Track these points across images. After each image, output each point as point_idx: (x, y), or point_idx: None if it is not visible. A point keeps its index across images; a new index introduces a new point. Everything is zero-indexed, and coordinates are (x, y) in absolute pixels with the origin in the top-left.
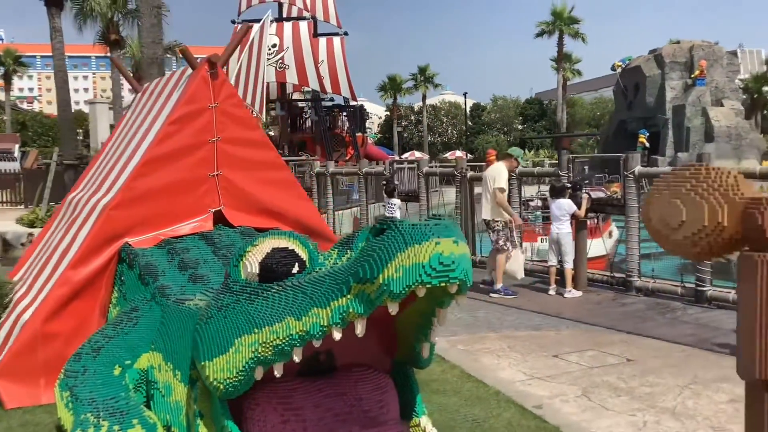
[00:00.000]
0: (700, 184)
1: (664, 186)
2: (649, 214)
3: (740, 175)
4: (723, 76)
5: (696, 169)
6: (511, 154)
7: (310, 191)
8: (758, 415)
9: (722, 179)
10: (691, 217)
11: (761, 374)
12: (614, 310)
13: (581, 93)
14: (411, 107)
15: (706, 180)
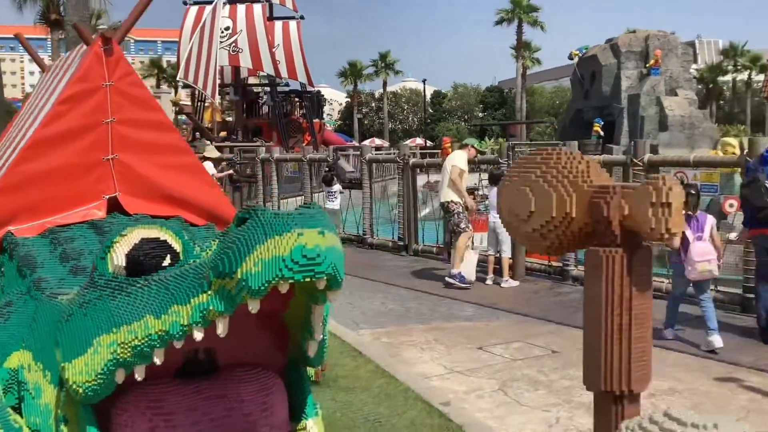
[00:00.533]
0: (549, 170)
1: (515, 172)
2: (501, 203)
3: (593, 160)
4: (678, 66)
5: (547, 154)
6: (467, 143)
7: (256, 178)
8: (605, 426)
9: (572, 165)
10: (540, 207)
11: (607, 385)
12: (549, 300)
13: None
14: (372, 94)
15: (556, 166)
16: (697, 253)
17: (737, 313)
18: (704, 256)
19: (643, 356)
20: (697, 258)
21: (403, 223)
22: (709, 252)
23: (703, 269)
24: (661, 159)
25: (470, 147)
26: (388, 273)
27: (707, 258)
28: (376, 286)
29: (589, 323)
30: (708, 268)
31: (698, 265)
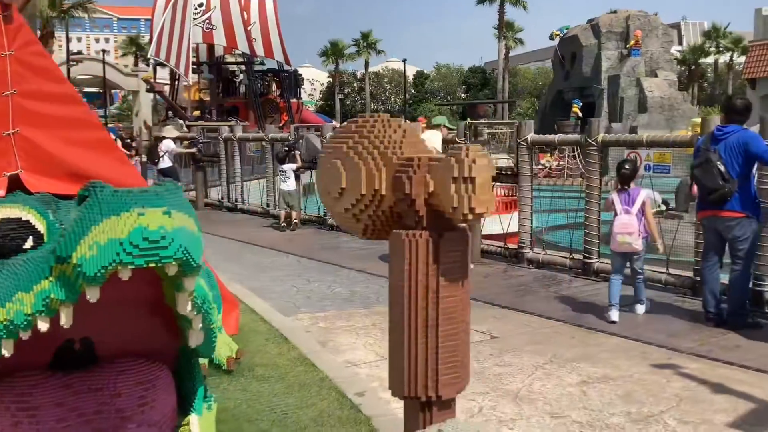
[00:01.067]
0: (361, 140)
1: (330, 144)
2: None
3: (412, 128)
4: (658, 47)
5: (363, 121)
6: (438, 123)
7: (218, 157)
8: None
9: (386, 134)
10: (350, 183)
11: (411, 390)
12: (500, 283)
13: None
14: (354, 74)
15: (368, 135)
16: (617, 225)
17: (688, 296)
18: (625, 228)
19: (454, 357)
20: (617, 230)
21: None
22: (630, 225)
23: (623, 241)
24: (614, 139)
25: (442, 127)
26: (343, 255)
27: (628, 230)
28: (326, 269)
29: (393, 319)
30: (627, 241)
31: (618, 237)
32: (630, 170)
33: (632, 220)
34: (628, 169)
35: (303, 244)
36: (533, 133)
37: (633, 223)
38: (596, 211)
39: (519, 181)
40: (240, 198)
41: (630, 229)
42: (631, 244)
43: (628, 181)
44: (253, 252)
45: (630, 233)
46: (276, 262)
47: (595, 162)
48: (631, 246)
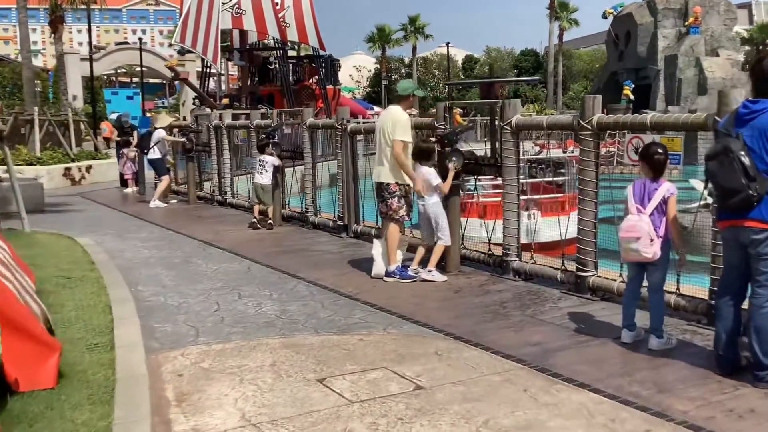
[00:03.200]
0: None
1: None
2: None
3: None
4: (720, 24)
5: None
6: (404, 94)
7: (208, 146)
8: None
9: None
10: None
11: None
12: (470, 301)
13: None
14: (402, 60)
15: None
16: (623, 228)
17: (701, 325)
18: (630, 231)
19: None
20: (621, 233)
21: (343, 199)
22: (638, 228)
23: (627, 248)
24: (612, 121)
25: (411, 96)
26: (305, 260)
27: (633, 234)
28: (271, 279)
29: None
30: (633, 248)
31: (623, 241)
32: (664, 155)
33: (640, 222)
34: (662, 154)
35: (267, 246)
36: (519, 115)
37: (641, 226)
38: (591, 212)
39: (502, 173)
40: (229, 191)
41: (636, 233)
42: (639, 251)
43: (660, 169)
44: (204, 256)
45: (637, 238)
46: (220, 270)
47: (590, 150)
48: (639, 254)
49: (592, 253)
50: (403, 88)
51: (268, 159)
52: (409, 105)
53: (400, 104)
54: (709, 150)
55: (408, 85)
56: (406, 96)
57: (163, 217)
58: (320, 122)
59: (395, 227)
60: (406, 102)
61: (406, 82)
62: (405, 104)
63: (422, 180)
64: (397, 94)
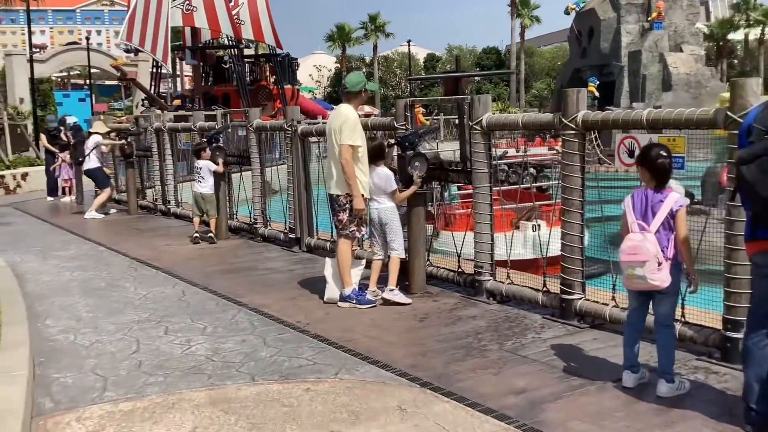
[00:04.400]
0: None
1: None
2: None
3: None
4: (683, 19)
5: None
6: (354, 90)
7: (150, 151)
8: None
9: None
10: None
11: None
12: (438, 332)
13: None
14: (362, 59)
15: None
16: (624, 250)
17: (714, 362)
18: (633, 254)
19: None
20: (623, 256)
21: (294, 209)
22: (642, 250)
23: (631, 274)
24: (600, 119)
25: (362, 92)
26: (252, 281)
27: (638, 258)
28: (208, 307)
29: None
30: (637, 274)
31: (624, 266)
32: (668, 159)
33: (645, 243)
34: (666, 157)
35: (209, 264)
36: (490, 113)
37: (646, 247)
38: (577, 225)
39: (472, 180)
40: (173, 200)
41: (641, 256)
42: (645, 278)
43: (665, 176)
44: (134, 278)
45: (642, 262)
46: (150, 297)
47: (575, 152)
48: (646, 281)
49: (579, 272)
50: (352, 83)
51: (203, 164)
52: (361, 102)
53: (351, 102)
54: (744, 151)
55: (357, 80)
56: (356, 92)
57: (97, 231)
58: (268, 123)
59: (345, 244)
60: (357, 99)
61: (355, 75)
62: (356, 102)
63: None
64: (346, 91)
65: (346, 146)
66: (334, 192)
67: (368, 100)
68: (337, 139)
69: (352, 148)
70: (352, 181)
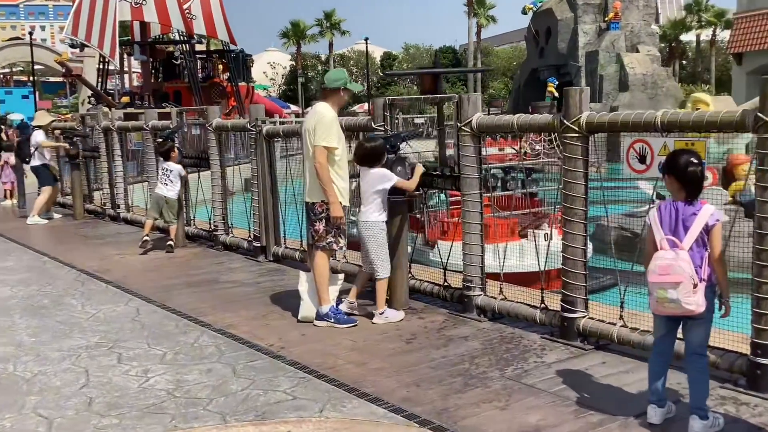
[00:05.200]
0: None
1: None
2: None
3: None
4: (639, 20)
5: None
6: (332, 86)
7: (97, 151)
8: None
9: None
10: None
11: None
12: (429, 356)
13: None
14: (318, 56)
15: None
16: (654, 270)
17: (741, 390)
18: (666, 275)
19: None
20: (654, 277)
21: (259, 215)
22: (676, 270)
23: (662, 297)
24: (606, 120)
25: (341, 90)
26: (215, 296)
27: (671, 279)
28: (167, 327)
29: None
30: (670, 297)
31: (655, 289)
32: (700, 167)
33: (679, 261)
34: (697, 165)
35: (166, 277)
36: (481, 113)
37: (681, 267)
38: (580, 237)
39: (461, 186)
40: (123, 204)
41: (674, 276)
42: (679, 302)
43: (698, 187)
44: (83, 293)
45: (675, 284)
46: (100, 316)
47: (578, 157)
48: (680, 306)
49: (582, 288)
50: (330, 79)
51: (174, 167)
52: (341, 102)
53: (328, 100)
54: None
55: (338, 76)
56: (334, 89)
57: (39, 238)
58: (229, 123)
59: (322, 257)
60: (335, 97)
61: (336, 71)
62: (334, 100)
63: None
64: (324, 87)
65: (320, 148)
66: (310, 199)
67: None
68: (311, 140)
69: (327, 150)
70: (327, 186)
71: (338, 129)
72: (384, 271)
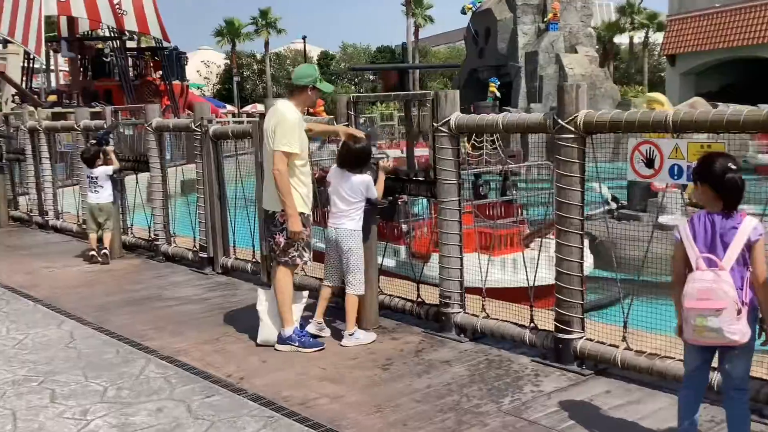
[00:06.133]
0: None
1: None
2: None
3: None
4: (577, 21)
5: None
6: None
7: (23, 154)
8: None
9: None
10: None
11: None
12: (411, 386)
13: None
14: (253, 55)
15: None
16: (692, 294)
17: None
18: (706, 299)
19: None
20: (691, 302)
21: (205, 223)
22: (718, 294)
23: (701, 324)
24: (607, 119)
25: (310, 89)
26: (156, 316)
27: (712, 305)
28: (108, 355)
29: None
30: (712, 326)
31: (692, 316)
32: (739, 174)
33: (721, 284)
34: (735, 171)
35: (102, 293)
36: (459, 113)
37: (723, 291)
38: (576, 249)
39: (438, 192)
40: (52, 210)
41: (716, 302)
42: (720, 331)
43: (737, 196)
44: (8, 314)
45: (718, 310)
46: (28, 343)
47: (574, 161)
48: (722, 336)
49: (578, 306)
50: (298, 74)
51: (98, 172)
52: (309, 102)
53: (293, 99)
54: None
55: (307, 72)
56: (301, 87)
57: None
58: (171, 123)
59: (285, 273)
60: (302, 96)
61: (306, 67)
62: (300, 99)
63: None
64: (290, 83)
65: (279, 154)
66: (270, 208)
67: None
68: (270, 143)
69: (287, 155)
70: (286, 197)
71: (301, 132)
72: (361, 286)
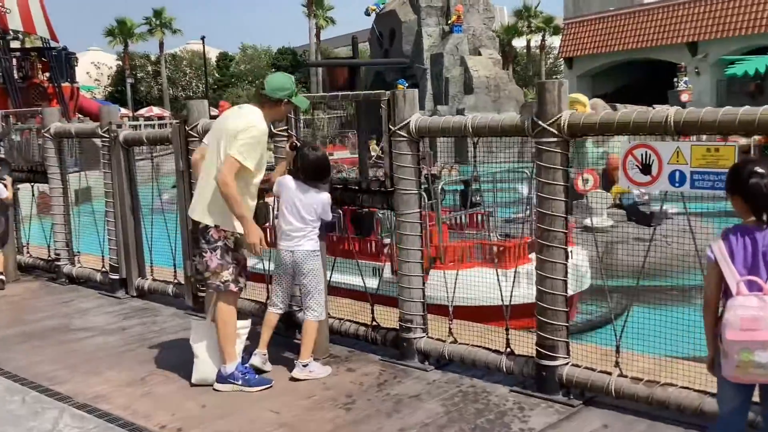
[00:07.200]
0: None
1: None
2: None
3: None
4: (480, 23)
5: None
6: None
7: None
8: None
9: None
10: None
11: None
12: (381, 427)
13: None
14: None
15: None
16: (733, 323)
17: None
18: (753, 329)
19: None
20: (734, 333)
21: (117, 240)
22: (764, 323)
23: (747, 361)
24: (596, 121)
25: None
26: (65, 352)
27: (758, 337)
28: (13, 404)
29: None
30: (756, 360)
31: (737, 351)
32: (766, 182)
33: None
34: (762, 176)
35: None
36: (419, 114)
37: None
38: (560, 265)
39: (396, 204)
40: None
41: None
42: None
43: (762, 204)
44: None
45: (764, 343)
46: None
47: (557, 167)
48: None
49: (563, 329)
50: (272, 85)
51: None
52: (278, 115)
53: (263, 109)
54: None
55: (282, 84)
56: (275, 101)
57: None
58: (73, 128)
59: (227, 302)
60: (273, 109)
61: (282, 78)
62: (271, 112)
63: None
64: (262, 93)
65: (233, 161)
66: (201, 220)
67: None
68: (226, 146)
69: (239, 167)
70: (236, 207)
71: (264, 150)
72: (322, 311)
